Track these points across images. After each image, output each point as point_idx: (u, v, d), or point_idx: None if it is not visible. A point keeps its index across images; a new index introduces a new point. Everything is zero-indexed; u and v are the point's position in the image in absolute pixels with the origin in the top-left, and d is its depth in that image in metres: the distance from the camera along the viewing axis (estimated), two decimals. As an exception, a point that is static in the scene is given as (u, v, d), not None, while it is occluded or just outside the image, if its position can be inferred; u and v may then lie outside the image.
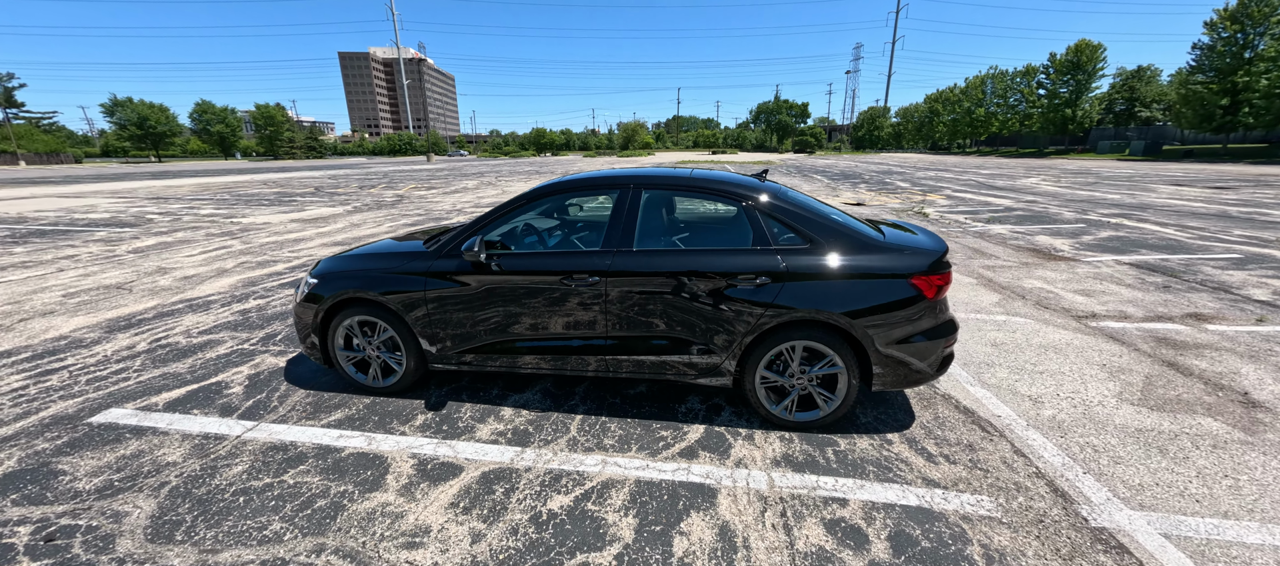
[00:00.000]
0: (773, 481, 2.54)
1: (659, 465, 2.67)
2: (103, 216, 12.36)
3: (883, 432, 2.97)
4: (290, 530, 2.20)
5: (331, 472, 2.60)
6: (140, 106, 71.59)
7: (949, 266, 2.93)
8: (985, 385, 3.58)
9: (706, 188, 3.11)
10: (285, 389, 3.49)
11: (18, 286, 6.12)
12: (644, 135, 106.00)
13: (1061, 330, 4.65)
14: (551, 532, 2.19)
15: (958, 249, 8.19)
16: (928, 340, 2.81)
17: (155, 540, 2.15)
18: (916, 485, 2.51)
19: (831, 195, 16.77)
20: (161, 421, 3.07)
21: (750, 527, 2.23)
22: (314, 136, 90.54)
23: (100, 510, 2.33)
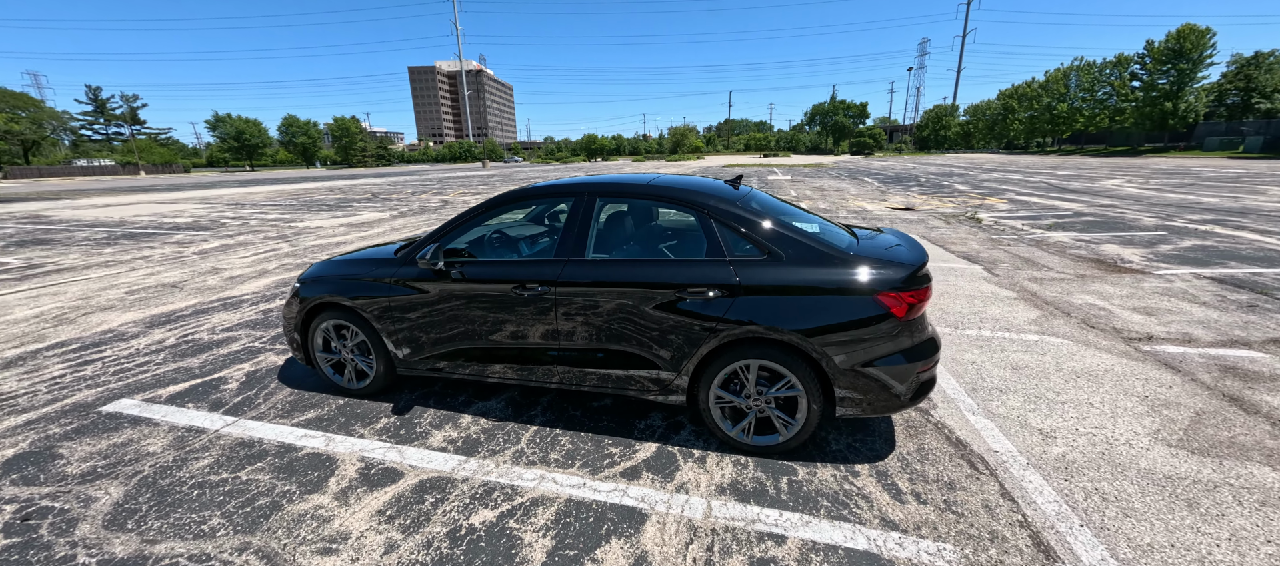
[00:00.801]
0: (710, 510, 2.36)
1: (596, 484, 2.56)
2: (185, 221, 13.78)
3: (851, 463, 2.71)
4: (225, 527, 2.29)
5: (283, 472, 2.69)
6: (237, 121, 79.74)
7: (926, 282, 2.64)
8: (990, 414, 3.19)
9: (663, 195, 2.97)
10: (274, 387, 3.68)
11: (94, 283, 6.90)
12: (693, 139, 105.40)
13: (1104, 353, 4.09)
14: (464, 550, 2.14)
15: (1004, 258, 7.47)
16: (898, 363, 2.53)
17: (108, 527, 2.30)
18: (871, 526, 2.26)
19: (879, 199, 15.87)
20: (157, 413, 3.32)
21: (667, 561, 2.07)
22: (383, 146, 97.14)
23: (76, 494, 2.53)
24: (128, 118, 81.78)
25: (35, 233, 11.96)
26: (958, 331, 4.60)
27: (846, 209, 13.51)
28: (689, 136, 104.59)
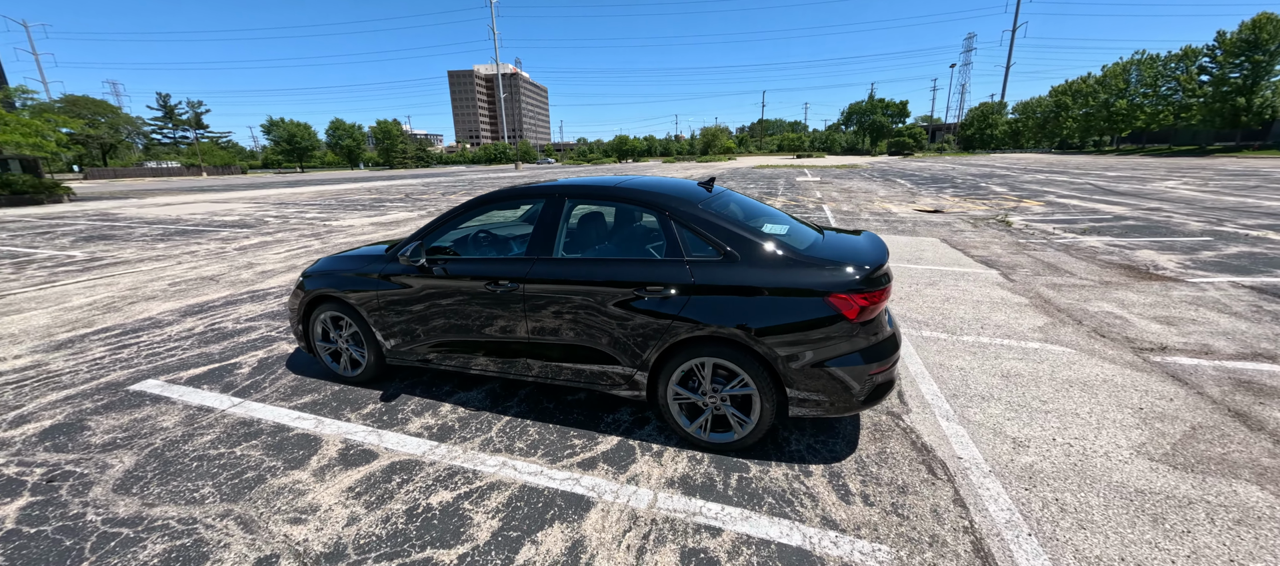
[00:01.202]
0: (655, 502, 2.44)
1: (553, 472, 2.68)
2: (233, 219, 14.76)
3: (807, 463, 2.73)
4: (213, 496, 2.53)
5: (273, 449, 2.93)
6: (289, 125, 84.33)
7: (882, 283, 2.63)
8: (964, 420, 3.13)
9: (628, 197, 3.06)
10: (280, 373, 3.97)
11: (143, 275, 7.54)
12: (725, 140, 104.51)
13: (1106, 364, 3.91)
14: (417, 525, 2.30)
15: (1026, 264, 7.17)
16: (852, 364, 2.54)
17: (117, 490, 2.58)
18: (810, 524, 2.28)
19: (907, 201, 15.40)
20: (175, 393, 3.65)
21: (603, 546, 2.17)
22: (423, 148, 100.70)
23: (95, 461, 2.84)
24: (192, 122, 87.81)
25: (102, 229, 13.09)
26: (954, 337, 4.48)
27: (871, 211, 13.19)
28: (720, 137, 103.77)
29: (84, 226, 13.63)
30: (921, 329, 4.70)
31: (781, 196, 17.89)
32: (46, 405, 3.51)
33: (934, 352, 4.16)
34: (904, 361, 3.99)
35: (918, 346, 4.30)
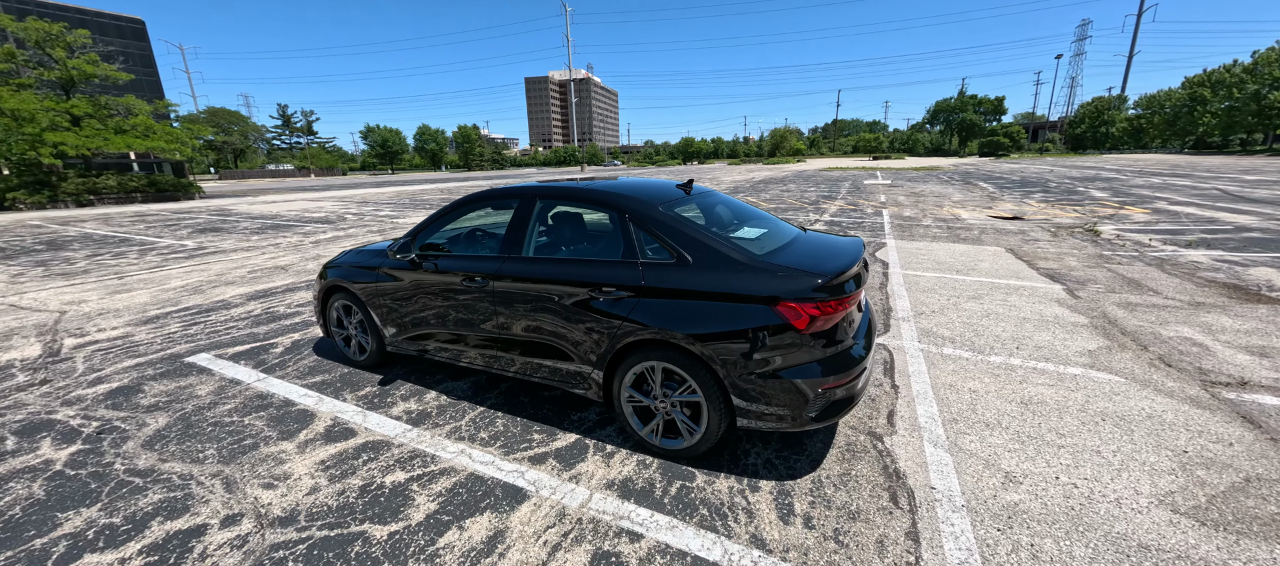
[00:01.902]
0: (588, 501, 2.45)
1: (502, 463, 2.76)
2: (319, 216, 16.46)
3: (760, 477, 2.61)
4: (214, 457, 2.87)
5: (274, 421, 3.27)
6: (382, 131, 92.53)
7: (842, 293, 2.46)
8: (955, 448, 2.84)
9: (592, 199, 3.08)
10: (305, 355, 4.40)
11: (231, 263, 8.63)
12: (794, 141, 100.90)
13: (1161, 397, 3.38)
14: (366, 500, 2.47)
15: (1102, 279, 6.33)
16: (802, 377, 2.40)
17: (144, 446, 3.00)
18: (737, 541, 2.19)
19: (983, 207, 14.08)
20: (217, 366, 4.17)
21: (521, 538, 2.21)
22: (498, 151, 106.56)
23: (137, 420, 3.31)
24: (304, 129, 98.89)
25: (215, 222, 15.11)
26: (978, 357, 4.06)
27: (935, 217, 12.21)
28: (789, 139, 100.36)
29: (202, 220, 15.82)
30: (944, 346, 4.30)
31: (840, 200, 17.02)
32: (119, 370, 4.14)
33: (948, 372, 3.80)
34: (907, 379, 3.68)
35: (931, 364, 3.94)
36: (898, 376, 3.74)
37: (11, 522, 2.36)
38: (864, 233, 10.18)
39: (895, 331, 4.67)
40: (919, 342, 4.39)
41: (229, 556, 2.14)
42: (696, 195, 3.42)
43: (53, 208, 20.62)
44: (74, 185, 21.74)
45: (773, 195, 19.86)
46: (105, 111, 23.71)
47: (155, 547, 2.20)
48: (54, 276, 7.87)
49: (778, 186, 24.76)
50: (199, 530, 2.29)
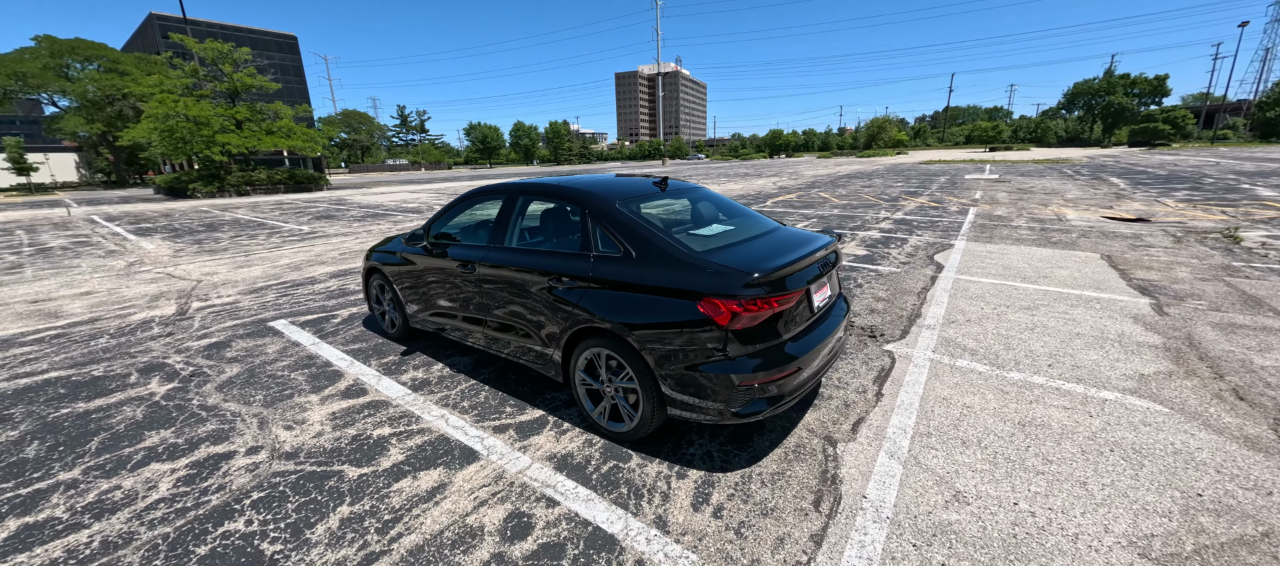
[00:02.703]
0: (525, 469, 2.70)
1: (470, 429, 3.11)
2: (413, 206, 18.41)
3: (693, 467, 2.69)
4: (260, 402, 3.54)
5: (311, 378, 3.91)
6: (483, 128, 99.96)
7: (777, 291, 2.46)
8: (912, 462, 2.70)
9: (563, 195, 3.29)
10: (355, 326, 5.14)
11: (330, 246, 10.06)
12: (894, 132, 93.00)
13: (1208, 433, 2.91)
14: (352, 446, 2.94)
15: (1211, 294, 5.37)
16: (724, 372, 2.45)
17: (216, 388, 3.77)
18: (640, 519, 2.32)
19: (1104, 206, 12.24)
20: (287, 330, 5.02)
21: (457, 492, 2.53)
22: (586, 146, 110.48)
23: (218, 368, 4.14)
24: (418, 128, 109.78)
25: (331, 211, 17.53)
26: (994, 371, 3.72)
27: (1034, 217, 10.86)
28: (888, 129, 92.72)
29: (321, 209, 18.42)
30: (960, 357, 3.98)
31: (923, 197, 15.66)
32: (221, 328, 5.14)
33: (948, 385, 3.54)
34: (898, 388, 3.50)
35: (935, 375, 3.69)
36: (888, 385, 3.56)
37: (115, 434, 3.15)
38: (935, 233, 9.37)
39: (912, 338, 4.38)
40: (933, 352, 4.09)
41: (241, 477, 2.69)
42: (672, 191, 3.52)
43: (219, 196, 25.14)
44: (236, 177, 26.32)
45: (849, 191, 18.74)
46: (259, 116, 28.33)
47: (197, 463, 2.82)
48: (203, 252, 9.75)
49: (860, 182, 23.24)
50: (229, 455, 2.90)
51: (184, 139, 24.52)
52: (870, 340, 4.39)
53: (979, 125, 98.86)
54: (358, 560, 2.12)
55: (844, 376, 3.70)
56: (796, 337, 2.66)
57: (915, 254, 7.69)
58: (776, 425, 3.07)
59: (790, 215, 12.74)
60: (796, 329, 2.68)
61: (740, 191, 20.37)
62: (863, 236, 9.34)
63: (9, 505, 2.51)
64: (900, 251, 7.91)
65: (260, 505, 2.47)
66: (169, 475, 2.72)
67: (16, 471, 2.79)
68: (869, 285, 6.06)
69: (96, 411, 3.45)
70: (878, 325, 4.73)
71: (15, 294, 6.89)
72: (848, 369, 3.83)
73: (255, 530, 2.30)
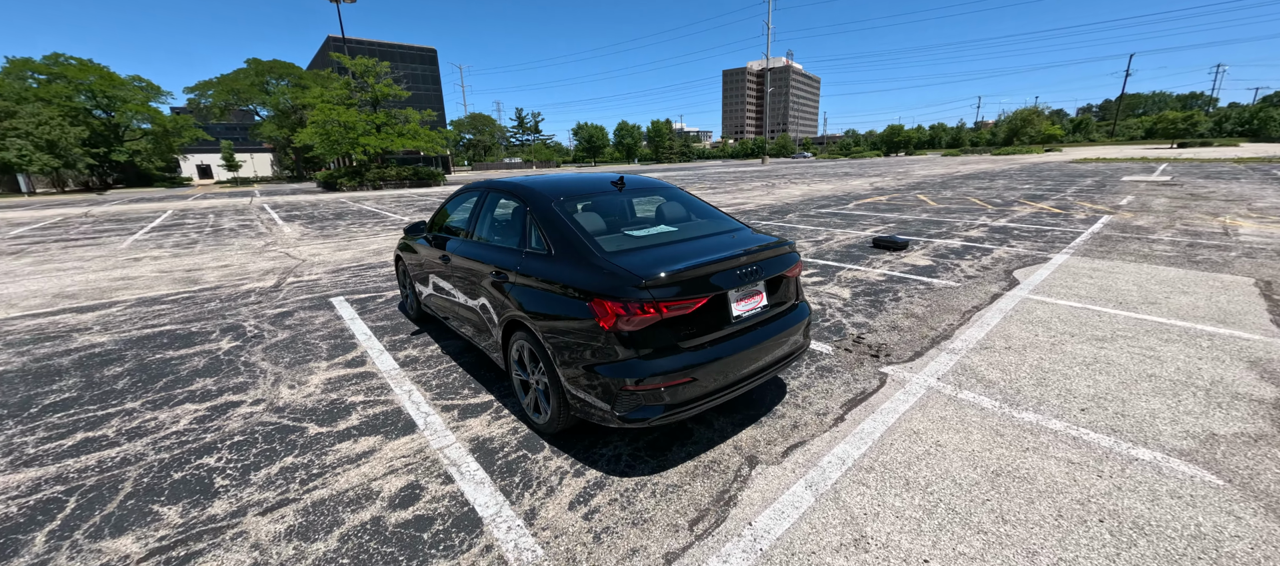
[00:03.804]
0: (445, 447, 2.90)
1: (423, 406, 3.39)
2: (505, 200, 19.95)
3: (596, 467, 2.69)
4: (286, 363, 4.19)
5: (333, 348, 4.52)
6: (589, 128, 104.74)
7: (653, 298, 2.37)
8: (830, 498, 2.43)
9: (515, 193, 3.41)
10: (391, 306, 5.80)
11: (416, 235, 11.35)
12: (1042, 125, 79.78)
13: (1268, 520, 2.23)
14: (326, 408, 3.38)
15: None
16: (609, 375, 2.42)
17: (264, 348, 4.52)
18: (516, 508, 2.39)
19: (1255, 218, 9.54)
20: (339, 306, 5.82)
21: (380, 457, 2.79)
22: (687, 144, 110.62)
23: (273, 331, 4.96)
24: (533, 129, 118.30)
25: (436, 204, 19.66)
26: (1004, 410, 3.17)
27: (1188, 229, 8.82)
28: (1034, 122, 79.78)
29: (430, 202, 20.75)
30: (969, 389, 3.43)
31: (1047, 203, 13.40)
32: (295, 300, 6.12)
33: (930, 417, 3.09)
34: (868, 414, 3.13)
35: (922, 405, 3.24)
36: (858, 410, 3.20)
37: (177, 377, 3.95)
38: (1035, 244, 8.03)
39: (922, 362, 3.86)
40: (938, 379, 3.58)
41: (235, 423, 3.24)
42: (634, 190, 3.51)
43: (359, 190, 29.49)
44: (372, 174, 30.68)
45: (957, 195, 16.65)
46: (393, 120, 32.67)
47: (214, 408, 3.45)
48: (321, 237, 11.57)
49: (977, 184, 20.49)
50: (237, 404, 3.50)
51: (336, 140, 29.20)
52: (869, 359, 3.95)
53: (1165, 116, 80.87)
54: (272, 501, 2.47)
55: (811, 395, 3.39)
56: (700, 347, 2.53)
57: (991, 267, 6.67)
58: (704, 437, 2.93)
59: (866, 218, 11.68)
60: (702, 337, 2.54)
61: (829, 191, 19.07)
62: (938, 245, 8.29)
63: (85, 422, 3.30)
64: (974, 264, 6.91)
65: (235, 447, 2.96)
66: (190, 414, 3.37)
67: (102, 398, 3.64)
68: (909, 299, 5.41)
69: (175, 359, 4.35)
70: (887, 344, 4.23)
71: (180, 264, 8.81)
72: (822, 387, 3.50)
73: (219, 467, 2.78)
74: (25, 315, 5.82)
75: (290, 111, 51.68)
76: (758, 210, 14.14)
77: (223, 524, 2.33)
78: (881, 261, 7.23)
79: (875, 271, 6.66)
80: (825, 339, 4.39)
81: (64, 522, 2.37)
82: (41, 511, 2.45)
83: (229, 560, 2.13)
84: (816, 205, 14.98)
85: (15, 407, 3.52)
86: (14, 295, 6.76)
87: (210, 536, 2.26)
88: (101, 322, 5.44)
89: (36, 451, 2.97)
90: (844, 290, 5.84)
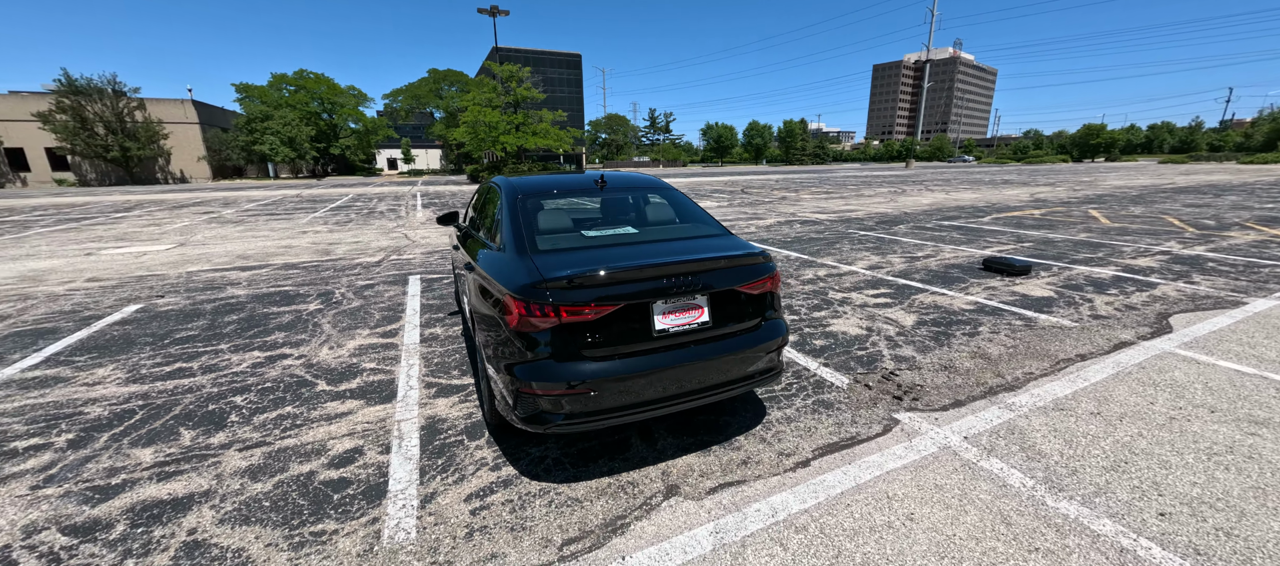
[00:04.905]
0: (402, 421, 3.12)
1: (413, 381, 3.69)
2: (611, 197, 20.73)
3: (514, 463, 2.68)
4: (341, 326, 4.88)
5: (385, 318, 5.14)
6: (718, 128, 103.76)
7: (552, 301, 2.27)
8: (720, 550, 2.11)
9: (497, 187, 3.50)
10: (449, 282, 6.41)
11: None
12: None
13: None
14: (338, 371, 3.86)
15: None
16: (520, 376, 2.38)
17: (335, 314, 5.32)
18: (420, 489, 2.48)
19: None
20: (413, 281, 6.59)
21: (346, 420, 3.11)
22: (821, 145, 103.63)
23: (350, 299, 5.80)
24: (664, 129, 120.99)
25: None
26: (1036, 489, 2.45)
27: None
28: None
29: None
30: (1002, 455, 2.72)
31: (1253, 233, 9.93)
32: (382, 276, 7.09)
33: (922, 484, 2.51)
34: (842, 464, 2.65)
35: (922, 466, 2.64)
36: (834, 457, 2.72)
37: (265, 328, 4.84)
38: (1227, 283, 6.02)
39: (957, 414, 3.15)
40: (964, 438, 2.89)
41: (274, 371, 3.87)
42: (612, 189, 3.42)
43: (497, 182, 33.06)
44: (510, 169, 34.16)
45: (1148, 212, 13.19)
46: (529, 120, 35.97)
47: (270, 357, 4.16)
48: (441, 222, 13.20)
49: (1192, 199, 16.01)
50: (285, 357, 4.17)
51: (482, 138, 33.13)
52: (888, 400, 3.32)
53: None
54: (254, 441, 2.90)
55: (789, 430, 2.97)
56: (607, 357, 2.36)
57: (1138, 308, 5.15)
58: (639, 454, 2.75)
59: (997, 235, 9.79)
60: (616, 347, 2.37)
61: (969, 201, 16.38)
62: (1076, 273, 6.63)
63: (188, 355, 4.22)
64: (1115, 301, 5.40)
65: (262, 391, 3.54)
66: (252, 360, 4.11)
67: (210, 338, 4.61)
68: (989, 336, 4.43)
69: (274, 314, 5.33)
70: (923, 386, 3.52)
71: (329, 238, 10.75)
72: (807, 423, 3.04)
73: (242, 404, 3.35)
74: (211, 269, 7.62)
75: (455, 113, 59.88)
76: (864, 219, 12.72)
77: (211, 452, 2.81)
78: (982, 287, 6.01)
79: (965, 298, 5.57)
80: (847, 368, 3.80)
81: (125, 428, 3.06)
82: (118, 418, 3.19)
83: (196, 481, 2.56)
84: (941, 216, 12.98)
85: (156, 338, 4.63)
86: (214, 255, 8.89)
87: (197, 460, 2.74)
88: (249, 280, 6.89)
89: (146, 371, 3.88)
90: (908, 316, 4.99)
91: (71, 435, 2.99)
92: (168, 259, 8.52)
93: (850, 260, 7.72)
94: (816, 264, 7.51)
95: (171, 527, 2.24)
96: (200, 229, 12.31)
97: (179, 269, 7.65)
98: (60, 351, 4.33)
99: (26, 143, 38.80)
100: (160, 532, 2.21)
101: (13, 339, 4.65)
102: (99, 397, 3.46)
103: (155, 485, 2.53)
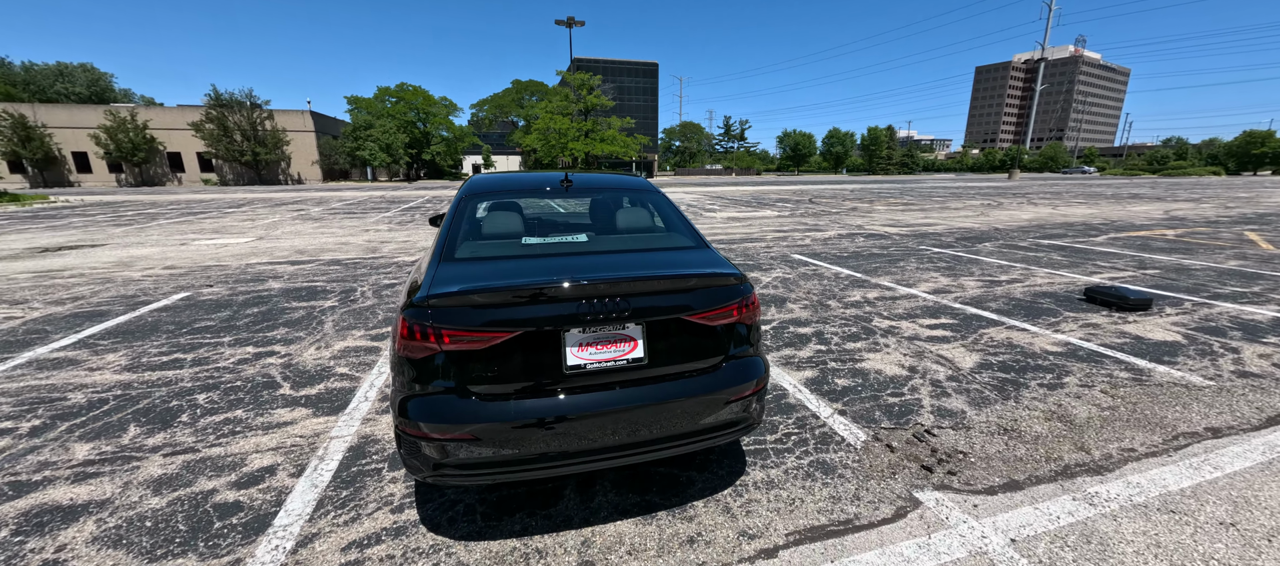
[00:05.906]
0: (343, 434, 2.86)
1: (370, 393, 3.46)
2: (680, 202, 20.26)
3: (425, 504, 2.29)
4: (341, 326, 4.83)
5: (383, 320, 5.06)
6: (795, 135, 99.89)
7: (433, 323, 1.85)
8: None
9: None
10: (467, 289, 6.27)
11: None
12: None
13: None
14: (316, 372, 3.72)
15: None
16: (393, 407, 2.00)
17: (344, 312, 5.34)
18: (310, 522, 2.16)
19: None
20: (431, 284, 6.55)
21: (283, 430, 2.90)
22: (910, 153, 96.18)
23: (365, 297, 5.82)
24: (738, 136, 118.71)
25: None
26: None
27: None
28: None
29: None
30: (1050, 544, 1.91)
31: None
32: (410, 274, 7.14)
33: None
34: (838, 554, 1.99)
35: (931, 549, 1.91)
36: (812, 548, 2.05)
37: (275, 323, 4.91)
38: None
39: (1011, 501, 2.34)
40: (1011, 540, 2.09)
41: (253, 369, 3.82)
42: (575, 190, 2.96)
43: (564, 187, 33.87)
44: (576, 174, 34.94)
45: None
46: (598, 127, 36.55)
47: (269, 349, 4.15)
48: (492, 224, 13.46)
49: None
50: (273, 354, 4.13)
51: (552, 144, 34.13)
52: (915, 469, 2.56)
53: None
54: (183, 446, 2.76)
55: (763, 500, 2.33)
56: (499, 397, 1.90)
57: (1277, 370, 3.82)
58: (568, 513, 2.25)
59: (1113, 258, 8.10)
60: (511, 385, 1.91)
61: (1079, 217, 14.04)
62: (1219, 311, 5.17)
63: (192, 345, 4.32)
64: (1269, 355, 4.06)
65: (227, 391, 3.46)
66: (241, 356, 4.11)
67: (222, 330, 4.73)
68: (1077, 391, 3.43)
69: (291, 309, 5.44)
70: (969, 453, 2.69)
71: (382, 236, 11.26)
72: (792, 494, 2.38)
73: (199, 404, 3.27)
74: (266, 262, 8.14)
75: (531, 121, 62.73)
76: (942, 234, 11.20)
77: (137, 455, 2.70)
78: (1079, 323, 4.83)
79: (1052, 337, 4.46)
80: (868, 420, 3.04)
81: (87, 419, 3.07)
82: (89, 407, 3.23)
83: (103, 488, 2.42)
84: (1040, 233, 11.14)
85: (177, 326, 4.84)
86: (278, 249, 9.56)
87: (120, 463, 2.63)
88: (290, 274, 7.23)
89: (146, 361, 3.99)
90: (969, 356, 4.04)
91: (39, 422, 3.04)
92: (240, 250, 9.27)
93: (912, 281, 6.65)
94: (869, 284, 6.54)
95: (45, 540, 2.09)
96: (283, 224, 13.48)
97: (243, 261, 8.25)
98: (94, 334, 4.63)
99: (184, 148, 45.78)
100: (32, 545, 2.06)
101: (68, 320, 5.07)
102: (88, 384, 3.56)
103: (65, 487, 2.43)
